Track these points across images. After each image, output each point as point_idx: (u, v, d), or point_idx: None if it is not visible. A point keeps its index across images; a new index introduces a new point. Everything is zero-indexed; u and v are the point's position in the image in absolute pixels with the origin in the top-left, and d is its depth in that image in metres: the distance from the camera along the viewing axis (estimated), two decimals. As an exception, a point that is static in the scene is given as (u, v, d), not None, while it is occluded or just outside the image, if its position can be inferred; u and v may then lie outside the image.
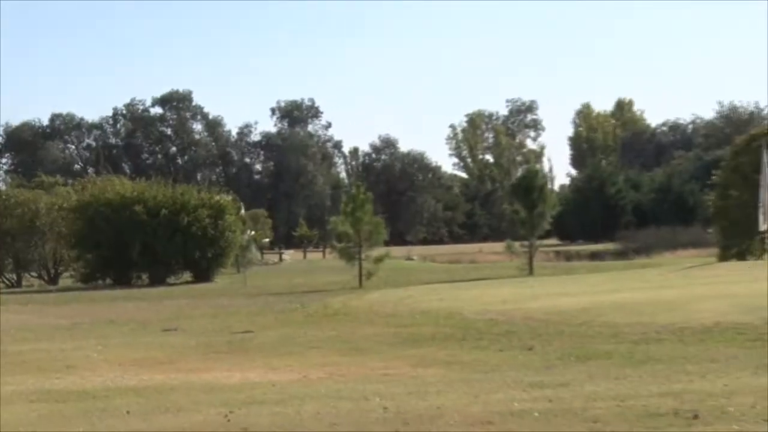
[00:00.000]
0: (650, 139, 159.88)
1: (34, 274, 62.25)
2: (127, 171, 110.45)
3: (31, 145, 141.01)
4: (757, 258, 49.97)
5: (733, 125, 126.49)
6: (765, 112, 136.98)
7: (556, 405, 10.37)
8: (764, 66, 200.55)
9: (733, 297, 23.14)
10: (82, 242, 55.82)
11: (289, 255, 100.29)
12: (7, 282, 60.58)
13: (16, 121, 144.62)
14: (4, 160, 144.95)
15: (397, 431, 9.03)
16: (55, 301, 42.30)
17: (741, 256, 52.01)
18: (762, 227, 48.15)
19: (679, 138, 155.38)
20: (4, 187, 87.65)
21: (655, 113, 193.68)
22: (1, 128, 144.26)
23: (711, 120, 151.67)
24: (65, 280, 60.44)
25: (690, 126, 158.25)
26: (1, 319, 30.53)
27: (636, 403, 10.16)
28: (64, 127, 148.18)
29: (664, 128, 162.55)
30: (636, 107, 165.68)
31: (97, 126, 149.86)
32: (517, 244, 54.15)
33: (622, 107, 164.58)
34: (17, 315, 33.08)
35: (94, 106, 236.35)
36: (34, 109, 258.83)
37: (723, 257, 54.06)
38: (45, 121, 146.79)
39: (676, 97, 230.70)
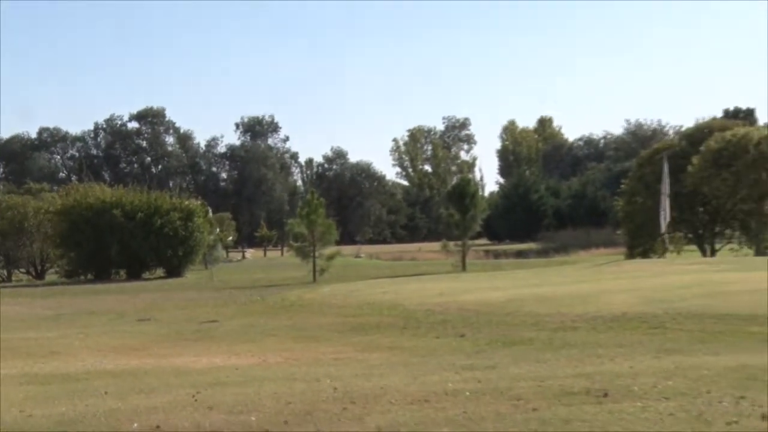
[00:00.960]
0: (567, 152, 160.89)
1: (22, 270, 61.98)
2: (107, 179, 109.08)
3: (20, 156, 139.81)
4: (659, 256, 50.62)
5: (639, 140, 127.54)
6: (666, 128, 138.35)
7: (484, 385, 10.41)
8: (666, 87, 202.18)
9: (639, 290, 23.40)
10: (66, 242, 55.58)
11: (250, 253, 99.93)
12: (0, 276, 60.27)
13: (6, 134, 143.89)
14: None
15: (345, 408, 9.02)
16: (41, 294, 41.86)
17: (645, 255, 52.67)
18: (663, 229, 48.79)
19: (593, 151, 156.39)
20: None
21: (571, 129, 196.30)
22: None
23: (620, 135, 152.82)
24: (51, 276, 60.06)
25: (602, 141, 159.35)
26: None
27: (554, 383, 10.21)
28: (50, 139, 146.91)
29: (580, 142, 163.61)
30: (555, 124, 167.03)
31: (80, 139, 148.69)
32: (451, 243, 54.26)
33: (544, 124, 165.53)
34: (7, 307, 32.68)
35: (78, 121, 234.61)
36: (23, 123, 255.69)
37: (630, 255, 54.74)
38: (33, 134, 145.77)
39: (590, 115, 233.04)
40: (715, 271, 30.58)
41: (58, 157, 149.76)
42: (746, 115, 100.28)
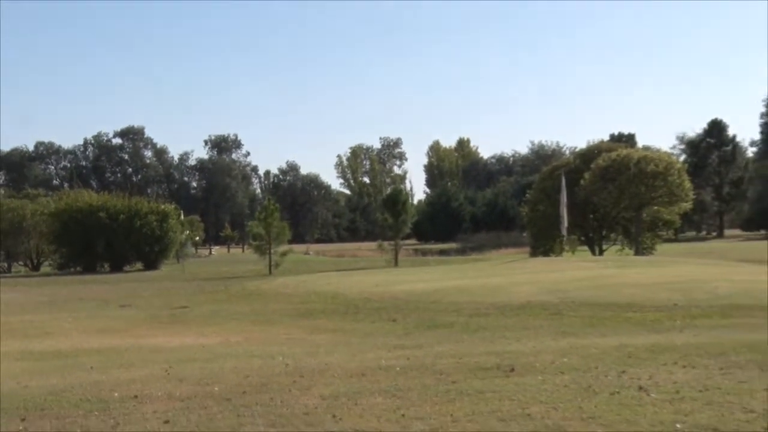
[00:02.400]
0: (482, 168, 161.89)
1: (21, 263, 61.45)
2: (94, 186, 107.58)
3: (19, 166, 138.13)
4: (557, 255, 51.16)
5: (541, 158, 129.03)
6: (563, 149, 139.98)
7: (412, 361, 10.43)
8: (563, 114, 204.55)
9: (540, 283, 23.62)
10: (58, 239, 55.26)
11: (216, 250, 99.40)
12: (1, 268, 59.69)
13: (7, 147, 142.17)
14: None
15: (294, 381, 8.99)
16: (37, 283, 41.27)
17: (546, 254, 53.18)
18: (561, 232, 49.33)
19: (503, 167, 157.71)
20: None
21: (486, 148, 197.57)
22: None
23: (525, 154, 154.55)
24: (45, 268, 59.52)
25: (511, 158, 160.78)
26: (-6, 297, 29.76)
27: (470, 359, 10.26)
28: (45, 152, 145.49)
29: (493, 160, 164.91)
30: (472, 144, 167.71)
31: (71, 152, 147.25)
32: (386, 243, 54.34)
33: (462, 144, 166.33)
34: (7, 294, 32.15)
35: (69, 137, 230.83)
36: (22, 137, 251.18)
37: (533, 254, 55.21)
38: (31, 147, 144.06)
39: (500, 136, 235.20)
40: (602, 267, 30.97)
41: (52, 167, 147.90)
42: (628, 139, 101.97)
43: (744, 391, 7.25)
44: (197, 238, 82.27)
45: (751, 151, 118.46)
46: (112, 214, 53.69)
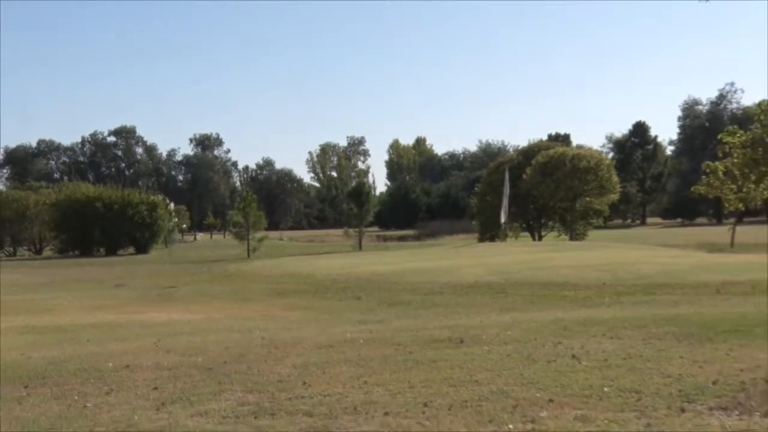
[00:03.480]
0: (437, 163, 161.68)
1: (25, 247, 61.21)
2: (91, 179, 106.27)
3: (23, 161, 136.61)
4: (501, 240, 51.42)
5: (488, 155, 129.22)
6: (508, 147, 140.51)
7: (374, 335, 10.45)
8: (507, 115, 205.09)
9: (487, 265, 23.77)
10: (58, 226, 55.15)
11: (200, 236, 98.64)
12: (6, 253, 59.54)
13: (12, 144, 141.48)
14: (4, 171, 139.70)
15: (270, 352, 8.96)
16: (39, 266, 40.92)
17: (492, 239, 53.48)
18: (504, 220, 49.64)
19: (455, 163, 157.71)
20: (4, 189, 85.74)
21: (440, 146, 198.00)
22: (2, 149, 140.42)
23: (474, 151, 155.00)
24: (47, 252, 59.17)
25: (461, 155, 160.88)
26: (1, 277, 29.45)
27: (425, 333, 10.29)
28: (47, 148, 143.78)
29: (446, 156, 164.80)
30: (428, 142, 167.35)
31: (70, 149, 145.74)
32: (351, 230, 54.46)
33: (419, 142, 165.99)
34: (12, 275, 31.82)
35: (68, 135, 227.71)
36: (26, 135, 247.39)
37: (481, 240, 55.55)
38: (34, 144, 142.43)
39: (453, 135, 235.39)
40: (541, 251, 31.25)
41: (53, 162, 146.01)
42: (564, 138, 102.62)
43: (662, 359, 7.35)
44: (183, 225, 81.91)
45: (669, 150, 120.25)
46: (107, 204, 53.66)
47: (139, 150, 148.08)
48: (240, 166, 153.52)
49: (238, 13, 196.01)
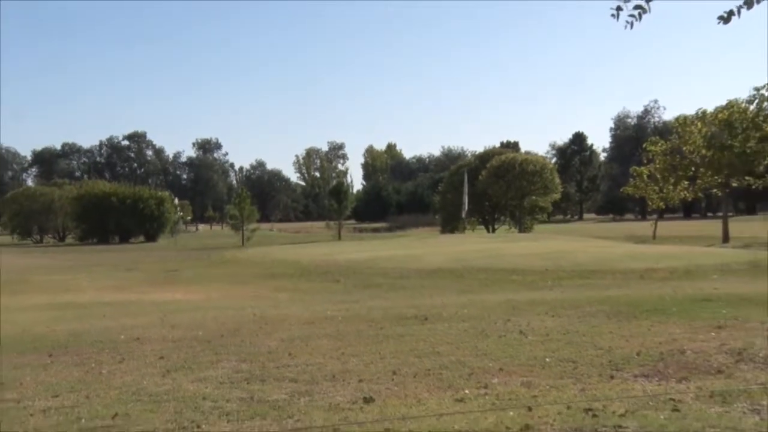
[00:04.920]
0: (406, 166, 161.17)
1: (50, 235, 61.03)
2: (107, 177, 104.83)
3: (49, 161, 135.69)
4: (460, 232, 51.68)
5: (450, 159, 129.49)
6: (466, 152, 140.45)
7: (351, 312, 10.46)
8: (464, 124, 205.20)
9: (448, 254, 23.85)
10: (79, 217, 55.15)
11: (201, 227, 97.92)
12: (34, 240, 59.50)
13: (39, 147, 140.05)
14: (33, 170, 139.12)
15: (260, 327, 8.94)
16: (62, 251, 40.54)
17: (452, 231, 53.69)
18: (463, 215, 49.91)
19: (422, 165, 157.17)
20: (32, 185, 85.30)
21: (408, 151, 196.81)
22: (31, 151, 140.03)
23: (438, 156, 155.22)
24: (69, 240, 58.92)
25: (427, 159, 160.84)
26: (29, 261, 29.14)
27: (395, 311, 10.32)
28: (69, 150, 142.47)
29: (414, 159, 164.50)
30: (398, 147, 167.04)
31: (89, 151, 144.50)
32: (332, 222, 54.46)
33: (391, 147, 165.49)
34: (38, 259, 31.49)
35: (88, 139, 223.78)
36: (52, 138, 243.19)
37: (443, 232, 55.67)
38: (58, 147, 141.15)
39: (420, 141, 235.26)
40: (494, 242, 31.41)
41: (75, 162, 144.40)
42: (514, 145, 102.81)
43: (595, 334, 7.43)
44: (187, 218, 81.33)
45: (603, 156, 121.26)
46: (121, 198, 53.68)
47: (149, 152, 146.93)
48: (236, 167, 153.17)
49: (237, 35, 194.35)
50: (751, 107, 35.98)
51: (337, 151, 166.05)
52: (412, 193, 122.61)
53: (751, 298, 10.35)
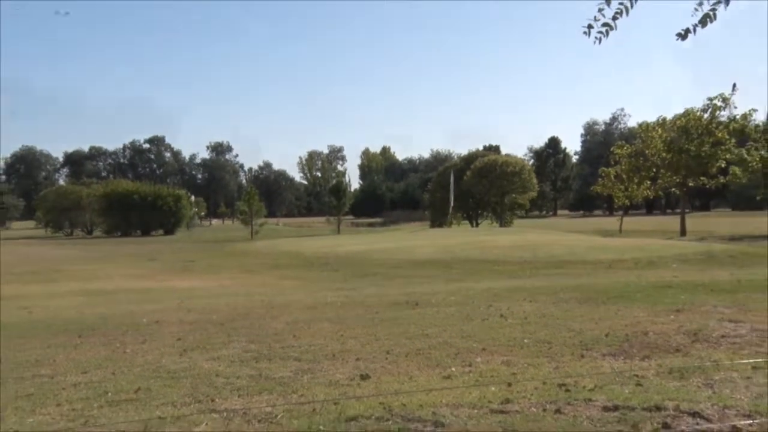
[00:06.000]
0: (398, 167, 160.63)
1: (79, 229, 60.90)
2: (130, 177, 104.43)
3: (78, 163, 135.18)
4: (447, 227, 51.68)
5: (438, 161, 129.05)
6: (453, 154, 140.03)
7: (349, 299, 10.47)
8: (451, 130, 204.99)
9: (437, 246, 23.84)
10: (105, 213, 54.87)
11: (214, 222, 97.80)
12: (65, 233, 59.02)
13: (70, 150, 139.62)
14: (64, 170, 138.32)
15: (267, 312, 8.93)
16: (90, 243, 40.41)
17: (440, 226, 53.61)
18: (450, 211, 49.92)
19: (413, 166, 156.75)
20: (64, 184, 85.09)
21: (401, 153, 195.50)
22: (62, 153, 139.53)
23: (427, 158, 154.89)
24: (96, 233, 58.62)
25: (418, 160, 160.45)
26: (62, 252, 29.04)
27: (388, 298, 10.33)
28: (96, 153, 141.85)
29: (405, 161, 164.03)
30: (392, 150, 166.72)
31: (114, 153, 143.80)
32: (331, 218, 54.54)
33: (385, 150, 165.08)
34: (69, 251, 31.37)
35: (113, 142, 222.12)
36: (80, 141, 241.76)
37: (432, 226, 55.63)
38: (86, 150, 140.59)
39: (411, 143, 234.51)
40: (478, 235, 31.43)
41: (101, 163, 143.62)
42: (495, 148, 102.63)
43: (568, 317, 7.44)
44: (201, 213, 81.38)
45: (575, 158, 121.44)
46: (142, 196, 53.56)
47: (168, 154, 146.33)
48: (245, 167, 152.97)
49: (246, 51, 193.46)
50: (705, 115, 36.12)
51: (336, 153, 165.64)
52: (404, 191, 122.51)
53: (706, 284, 10.40)
